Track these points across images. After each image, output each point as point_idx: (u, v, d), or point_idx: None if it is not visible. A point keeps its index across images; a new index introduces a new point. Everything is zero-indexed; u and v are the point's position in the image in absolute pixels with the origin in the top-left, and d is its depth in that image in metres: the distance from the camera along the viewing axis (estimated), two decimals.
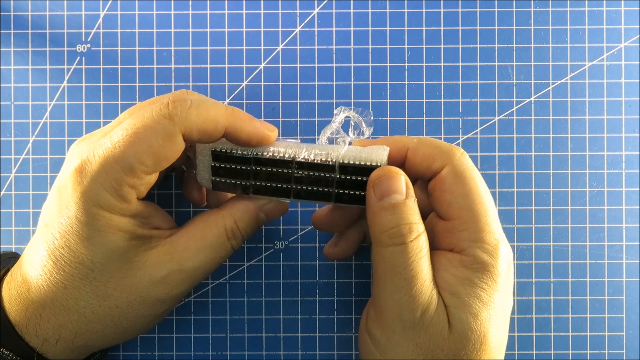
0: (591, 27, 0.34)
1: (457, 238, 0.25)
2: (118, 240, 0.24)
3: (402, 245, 0.24)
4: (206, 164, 0.27)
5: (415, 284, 0.24)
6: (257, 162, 0.26)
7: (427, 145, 0.26)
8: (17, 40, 0.34)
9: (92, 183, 0.23)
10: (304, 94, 0.34)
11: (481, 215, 0.25)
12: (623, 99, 0.34)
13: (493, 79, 0.34)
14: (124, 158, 0.23)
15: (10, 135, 0.34)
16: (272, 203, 0.28)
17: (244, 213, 0.27)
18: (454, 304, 0.24)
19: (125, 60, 0.34)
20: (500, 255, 0.24)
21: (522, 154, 0.34)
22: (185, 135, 0.24)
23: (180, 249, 0.25)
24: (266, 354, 0.34)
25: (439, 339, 0.24)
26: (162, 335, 0.34)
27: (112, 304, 0.25)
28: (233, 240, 0.27)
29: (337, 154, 0.26)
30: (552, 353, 0.34)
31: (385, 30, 0.34)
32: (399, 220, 0.24)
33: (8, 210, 0.34)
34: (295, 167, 0.26)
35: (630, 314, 0.34)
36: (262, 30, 0.34)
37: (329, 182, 0.26)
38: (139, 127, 0.24)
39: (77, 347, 0.25)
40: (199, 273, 0.26)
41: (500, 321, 0.24)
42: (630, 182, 0.34)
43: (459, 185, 0.25)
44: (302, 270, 0.34)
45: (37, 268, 0.25)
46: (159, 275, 0.25)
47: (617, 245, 0.34)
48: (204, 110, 0.24)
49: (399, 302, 0.24)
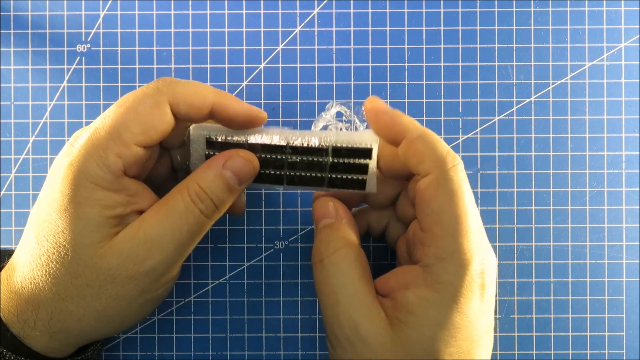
0: (591, 27, 0.34)
1: (425, 253, 0.24)
2: (95, 214, 0.24)
3: (321, 262, 0.26)
4: (200, 152, 0.27)
5: (338, 300, 0.25)
6: (251, 148, 0.27)
7: (424, 143, 0.25)
8: (17, 40, 0.34)
9: (80, 153, 0.24)
10: (304, 94, 0.34)
11: (455, 233, 0.23)
12: (623, 99, 0.34)
13: (493, 79, 0.34)
14: (113, 127, 0.24)
15: (10, 135, 0.34)
16: (235, 156, 0.26)
17: (206, 173, 0.26)
18: (407, 321, 0.24)
19: (125, 60, 0.34)
20: (470, 275, 0.23)
21: (522, 154, 0.34)
22: (173, 106, 0.25)
23: (145, 220, 0.25)
24: (266, 354, 0.34)
25: (379, 350, 0.24)
26: (162, 336, 0.34)
27: (82, 282, 0.24)
28: (199, 203, 0.25)
29: (330, 138, 0.27)
30: (552, 353, 0.34)
31: (385, 30, 0.34)
32: (320, 240, 0.26)
33: (8, 210, 0.34)
34: (289, 152, 0.27)
35: (630, 314, 0.34)
36: (262, 30, 0.34)
37: (322, 166, 0.27)
38: (129, 98, 0.25)
39: (54, 331, 0.25)
40: (166, 242, 0.25)
41: (462, 340, 0.24)
42: (630, 182, 0.34)
43: (438, 198, 0.24)
44: (302, 270, 0.34)
45: (22, 247, 0.25)
46: (126, 251, 0.24)
47: (617, 245, 0.34)
48: (191, 85, 0.26)
49: (330, 317, 0.25)
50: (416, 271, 0.25)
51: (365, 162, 0.27)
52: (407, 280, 0.25)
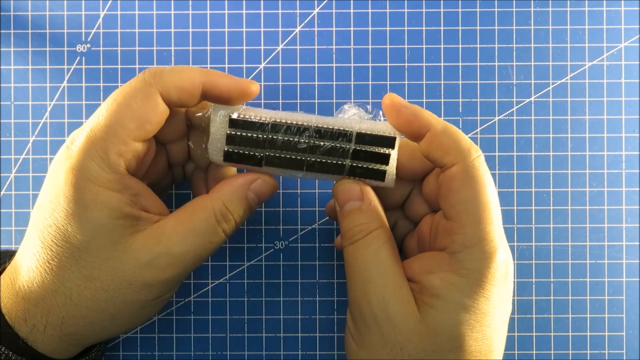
0: (591, 27, 0.34)
1: (453, 241, 0.25)
2: (104, 217, 0.24)
3: (353, 244, 0.26)
4: (222, 132, 0.27)
5: (369, 278, 0.25)
6: (274, 128, 0.26)
7: (448, 136, 0.25)
8: (17, 40, 0.34)
9: (80, 155, 0.24)
10: (304, 94, 0.34)
11: (481, 221, 0.24)
12: (623, 99, 0.34)
13: (493, 79, 0.34)
14: (108, 125, 0.24)
15: (10, 135, 0.34)
16: (260, 180, 0.27)
17: (232, 193, 0.27)
18: (432, 304, 0.24)
19: (125, 60, 0.34)
20: (496, 263, 0.24)
21: (522, 154, 0.34)
22: (163, 95, 0.25)
23: (167, 234, 0.25)
24: (266, 354, 0.34)
25: (404, 330, 0.24)
26: (162, 335, 0.34)
27: (97, 286, 0.24)
28: (224, 223, 0.26)
29: (355, 124, 0.27)
30: (552, 353, 0.34)
31: (385, 30, 0.34)
32: (353, 223, 0.26)
33: (8, 210, 0.34)
34: (313, 134, 0.26)
35: (630, 314, 0.34)
36: (262, 30, 0.34)
37: (344, 152, 0.27)
38: (119, 95, 0.25)
39: (65, 335, 0.25)
40: (188, 258, 0.25)
41: (486, 327, 0.24)
42: (630, 182, 0.34)
43: (465, 188, 0.25)
44: (302, 270, 0.34)
45: (27, 251, 0.25)
46: (144, 259, 0.24)
47: (617, 245, 0.34)
48: (177, 71, 0.26)
49: (358, 296, 0.25)
50: (442, 257, 0.25)
51: (387, 152, 0.27)
52: (432, 265, 0.25)
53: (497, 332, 0.25)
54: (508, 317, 0.25)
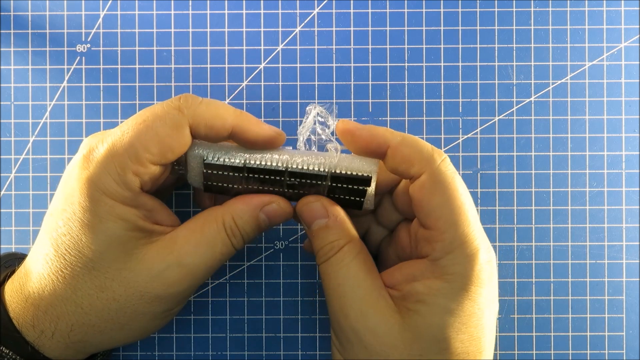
0: (591, 27, 0.34)
1: (433, 248, 0.25)
2: (118, 229, 0.24)
3: (326, 262, 0.26)
4: (197, 170, 0.27)
5: (344, 293, 0.25)
6: (249, 170, 0.26)
7: (408, 146, 0.25)
8: (17, 40, 0.34)
9: (98, 168, 0.24)
10: (304, 94, 0.34)
11: (459, 225, 0.24)
12: (623, 99, 0.34)
13: (493, 79, 0.34)
14: (131, 145, 0.24)
15: (10, 135, 0.34)
16: (275, 204, 0.27)
17: (243, 211, 0.27)
18: (417, 309, 0.24)
19: (125, 60, 0.34)
20: (479, 264, 0.24)
21: (522, 154, 0.34)
22: (192, 127, 0.25)
23: (179, 244, 0.25)
24: (266, 354, 0.34)
25: (388, 340, 0.24)
26: (162, 335, 0.34)
27: (109, 296, 0.24)
28: (233, 238, 0.27)
29: (330, 163, 0.26)
30: (552, 353, 0.34)
31: (385, 30, 0.34)
32: (323, 242, 0.26)
33: (8, 210, 0.34)
34: (287, 175, 0.26)
35: (630, 314, 0.34)
36: (262, 30, 0.34)
37: (321, 189, 0.27)
38: (149, 116, 0.24)
39: (73, 342, 0.25)
40: (199, 270, 0.26)
41: (472, 328, 0.24)
42: (630, 182, 0.34)
43: (436, 195, 0.24)
44: (302, 270, 0.34)
45: (39, 257, 0.25)
46: (157, 270, 0.25)
47: (617, 245, 0.34)
48: (213, 107, 0.25)
49: (336, 312, 0.25)
50: (423, 264, 0.25)
51: (363, 189, 0.27)
52: (414, 273, 0.25)
53: (485, 332, 0.24)
54: (495, 315, 0.25)
